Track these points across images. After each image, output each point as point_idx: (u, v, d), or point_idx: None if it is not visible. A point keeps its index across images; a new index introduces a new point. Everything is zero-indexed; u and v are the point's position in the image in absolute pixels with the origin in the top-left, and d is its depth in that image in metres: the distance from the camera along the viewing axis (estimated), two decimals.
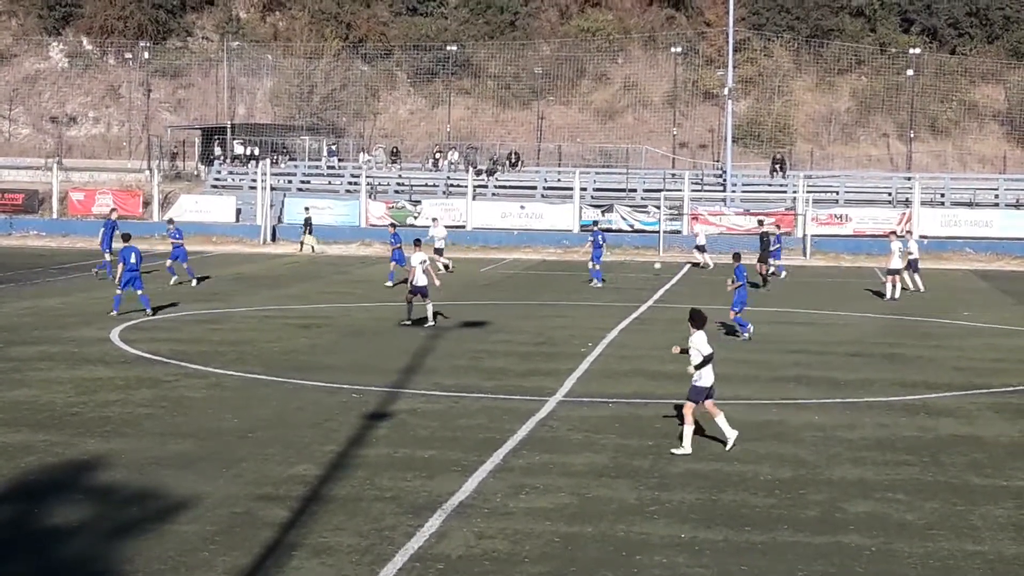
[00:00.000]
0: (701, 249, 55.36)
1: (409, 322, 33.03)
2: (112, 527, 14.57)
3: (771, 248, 47.99)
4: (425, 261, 33.70)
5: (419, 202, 70.54)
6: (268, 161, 73.29)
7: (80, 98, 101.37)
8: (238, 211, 71.67)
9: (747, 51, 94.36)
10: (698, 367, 18.87)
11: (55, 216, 72.30)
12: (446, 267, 49.43)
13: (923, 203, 66.78)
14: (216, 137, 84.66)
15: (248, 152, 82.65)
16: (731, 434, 18.97)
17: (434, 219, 56.57)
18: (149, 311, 34.65)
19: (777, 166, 76.80)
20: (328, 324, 33.73)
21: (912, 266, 44.49)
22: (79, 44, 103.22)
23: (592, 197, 71.62)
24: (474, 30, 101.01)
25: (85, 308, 36.43)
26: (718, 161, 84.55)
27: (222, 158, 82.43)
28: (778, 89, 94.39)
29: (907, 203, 67.68)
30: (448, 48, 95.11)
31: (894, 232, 46.48)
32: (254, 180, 71.32)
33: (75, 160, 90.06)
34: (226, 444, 18.87)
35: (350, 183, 75.80)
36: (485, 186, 74.39)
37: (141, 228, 68.81)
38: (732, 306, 32.15)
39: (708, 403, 19.04)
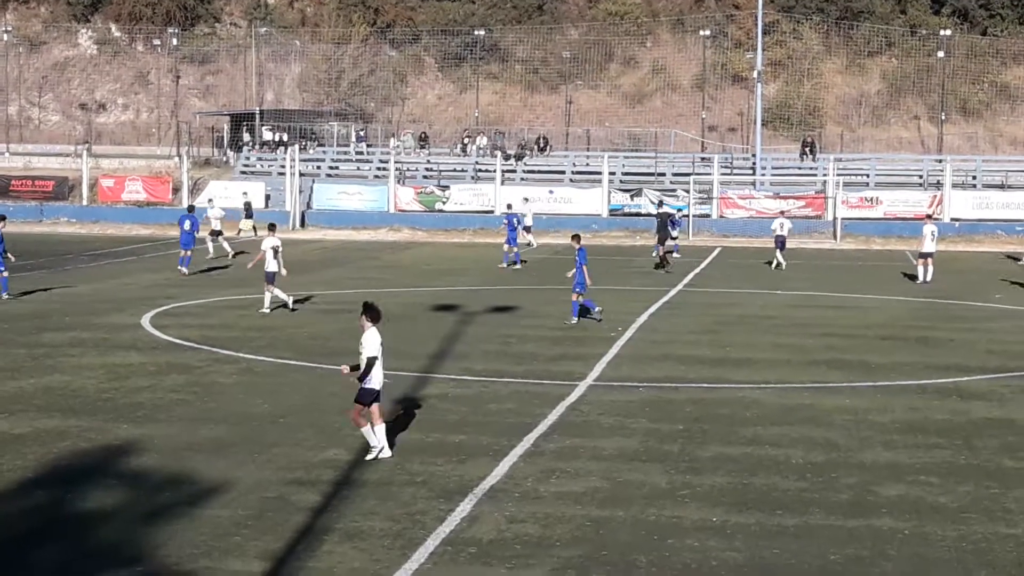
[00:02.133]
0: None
1: (269, 310, 32.58)
2: (145, 512, 14.64)
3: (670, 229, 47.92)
4: (277, 247, 33.01)
5: (447, 187, 70.48)
6: (296, 147, 73.33)
7: (109, 85, 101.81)
8: (267, 197, 71.75)
9: (776, 33, 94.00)
10: (365, 370, 17.21)
11: (85, 203, 72.51)
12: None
13: (954, 185, 66.37)
14: (245, 123, 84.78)
15: (277, 138, 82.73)
16: (377, 447, 17.14)
17: (210, 200, 56.67)
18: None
19: (807, 149, 76.42)
20: (357, 310, 33.65)
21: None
22: (108, 31, 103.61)
23: (621, 181, 71.42)
24: (501, 14, 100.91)
25: (116, 295, 36.57)
26: (748, 145, 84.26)
27: (251, 144, 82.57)
28: (808, 72, 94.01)
29: (938, 185, 67.29)
30: (476, 33, 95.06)
31: (929, 215, 46.14)
32: (283, 166, 71.38)
33: (104, 147, 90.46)
34: (257, 429, 18.92)
35: (379, 168, 75.80)
36: (514, 171, 74.30)
37: (171, 214, 69.11)
38: (573, 288, 31.19)
39: (374, 408, 17.16)
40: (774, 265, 46.77)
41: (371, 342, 17.42)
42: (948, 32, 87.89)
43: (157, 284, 39.52)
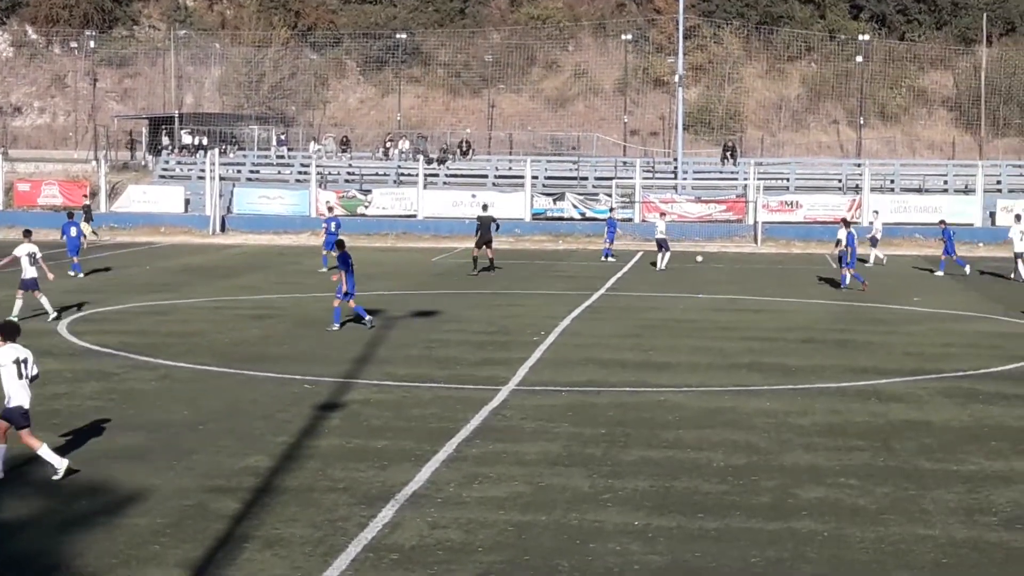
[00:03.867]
0: (874, 242, 51.61)
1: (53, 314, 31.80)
2: (62, 521, 14.43)
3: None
4: (34, 253, 31.78)
5: (369, 191, 70.25)
6: (216, 151, 72.79)
7: (25, 88, 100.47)
8: (187, 201, 71.18)
9: (697, 38, 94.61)
10: None
11: (0, 207, 71.52)
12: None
13: (873, 189, 67.17)
14: (164, 127, 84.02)
15: (196, 142, 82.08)
16: (57, 466, 16.15)
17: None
18: None
19: (728, 153, 77.04)
20: (279, 315, 33.57)
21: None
22: (24, 34, 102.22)
23: (543, 185, 71.58)
24: (423, 18, 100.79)
25: (31, 300, 36.02)
26: (669, 149, 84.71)
27: (170, 148, 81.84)
28: (728, 76, 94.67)
29: (857, 189, 68.04)
30: (398, 36, 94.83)
31: (845, 220, 46.55)
32: (203, 170, 70.87)
33: (20, 151, 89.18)
34: (177, 436, 18.73)
35: (300, 173, 75.45)
36: (436, 175, 74.21)
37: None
38: (339, 294, 30.54)
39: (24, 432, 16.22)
40: (659, 267, 47.27)
41: (6, 359, 16.38)
42: (866, 37, 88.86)
43: (74, 290, 39.02)
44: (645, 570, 12.97)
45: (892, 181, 71.82)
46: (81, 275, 42.50)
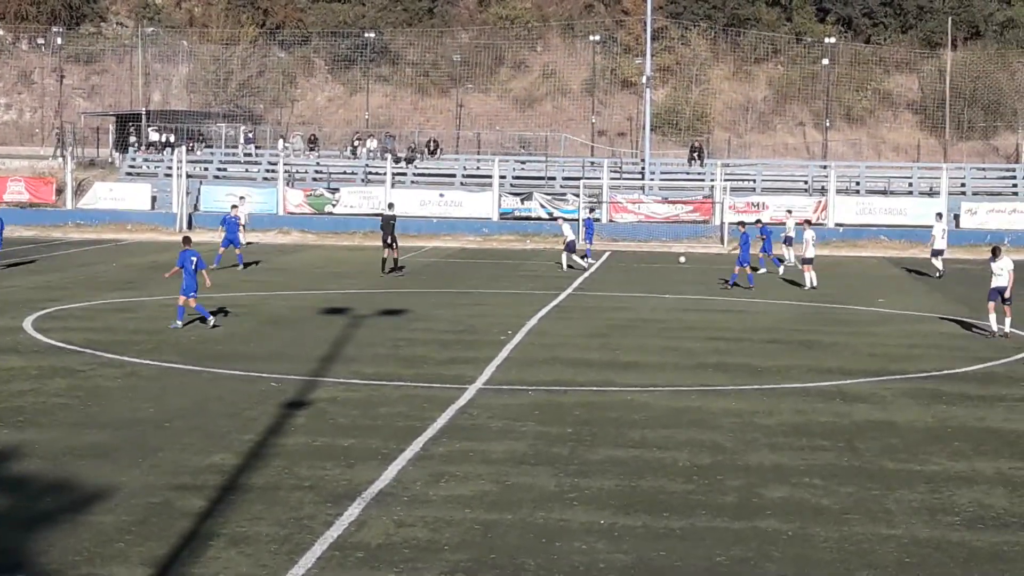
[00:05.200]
0: (788, 242, 52.31)
1: None
2: (26, 518, 14.36)
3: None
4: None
5: (337, 190, 70.15)
6: (184, 148, 72.53)
7: None
8: (153, 199, 70.90)
9: (665, 39, 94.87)
10: None
11: None
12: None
13: (839, 191, 67.51)
14: (131, 124, 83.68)
15: (163, 139, 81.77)
16: None
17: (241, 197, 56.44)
18: None
19: (695, 154, 77.27)
20: (245, 312, 33.47)
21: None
22: None
23: (511, 185, 71.63)
24: (392, 17, 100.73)
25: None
26: (637, 149, 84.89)
27: (137, 145, 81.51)
28: (696, 78, 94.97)
29: (823, 191, 68.35)
30: (366, 35, 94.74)
31: (807, 221, 46.85)
32: (170, 168, 70.62)
33: None
34: (142, 434, 18.67)
35: (268, 171, 75.27)
36: (404, 174, 74.16)
37: (54, 216, 68.07)
38: (183, 292, 29.87)
39: None
40: (564, 267, 47.61)
41: None
42: (833, 40, 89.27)
43: (40, 287, 38.84)
44: (611, 569, 13.02)
45: (857, 183, 72.20)
46: None
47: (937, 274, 47.00)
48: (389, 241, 45.07)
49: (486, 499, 15.46)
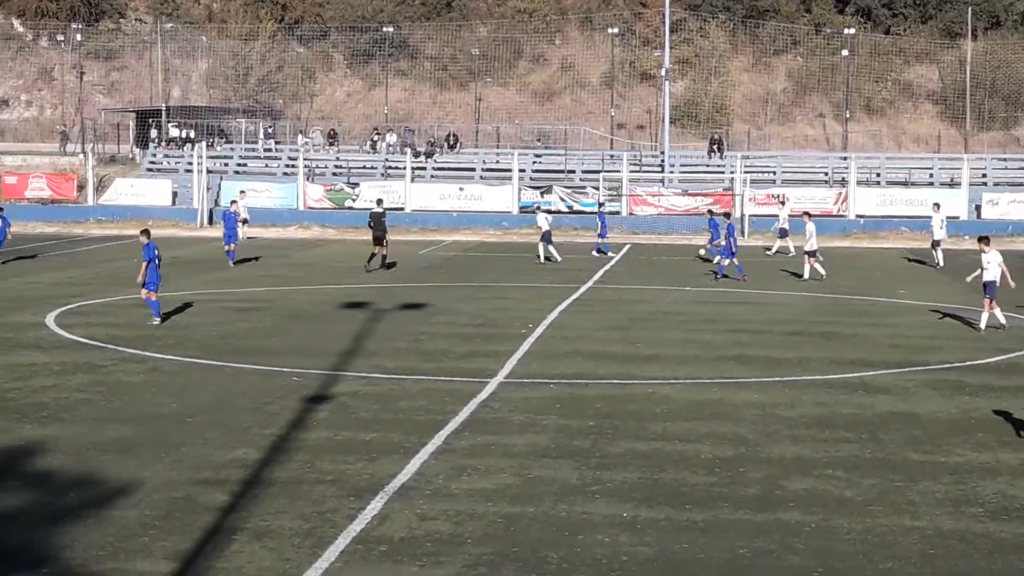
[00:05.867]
0: (783, 233, 53.41)
1: None
2: (50, 513, 14.42)
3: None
4: None
5: (357, 184, 70.19)
6: (204, 144, 72.65)
7: (12, 81, 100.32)
8: (174, 194, 71.05)
9: (683, 32, 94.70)
10: None
11: None
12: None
13: (859, 182, 67.25)
14: (151, 120, 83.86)
15: (183, 135, 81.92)
16: None
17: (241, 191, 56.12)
18: None
19: (714, 147, 77.07)
20: (267, 307, 33.56)
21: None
22: (11, 26, 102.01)
23: (531, 178, 71.58)
24: (410, 11, 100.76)
25: (19, 293, 36.04)
26: (656, 142, 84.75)
27: (157, 141, 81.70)
28: (715, 70, 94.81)
29: (843, 183, 68.14)
30: (385, 29, 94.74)
31: (807, 213, 46.76)
32: (190, 163, 70.73)
33: (7, 144, 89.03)
34: (165, 429, 18.72)
35: (287, 166, 75.33)
36: (424, 168, 74.18)
37: (76, 212, 68.28)
38: (146, 286, 29.80)
39: None
40: (542, 259, 47.52)
41: None
42: (852, 31, 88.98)
43: (62, 283, 38.99)
44: (633, 561, 13.01)
45: (878, 174, 71.91)
46: None
47: (938, 264, 47.13)
48: (379, 236, 44.06)
49: (508, 492, 15.47)
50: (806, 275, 41.83)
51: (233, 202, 50.93)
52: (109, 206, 69.42)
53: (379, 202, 47.79)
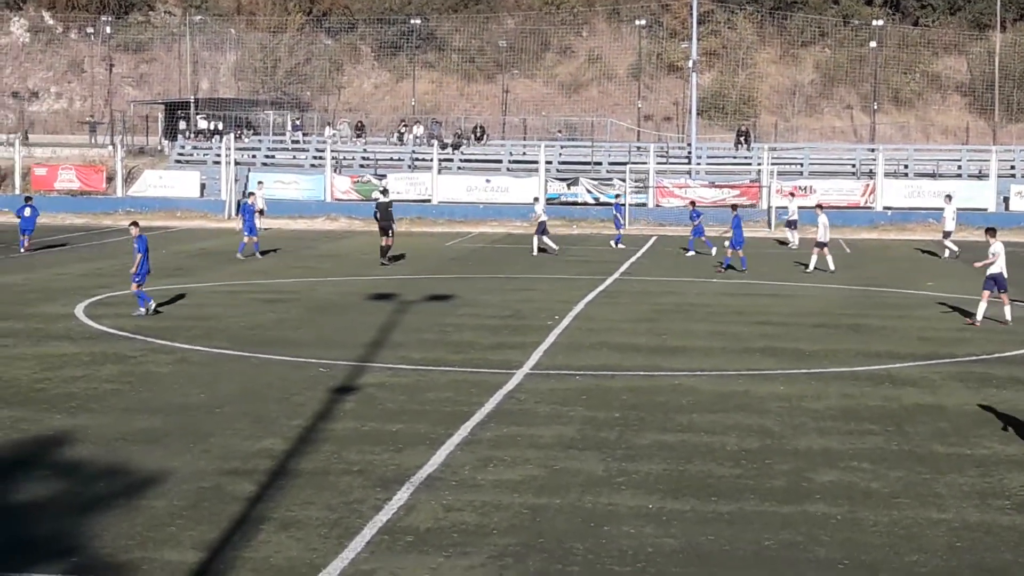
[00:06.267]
0: (792, 225, 53.80)
1: None
2: (79, 503, 14.53)
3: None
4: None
5: (384, 176, 70.29)
6: (232, 136, 72.92)
7: (42, 73, 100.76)
8: (202, 186, 71.33)
9: (711, 23, 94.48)
10: None
11: (17, 192, 71.67)
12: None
13: (887, 174, 67.07)
14: (180, 112, 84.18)
15: (212, 127, 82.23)
16: None
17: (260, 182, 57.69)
18: None
19: (742, 138, 76.90)
20: (294, 299, 33.67)
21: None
22: (41, 19, 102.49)
23: (557, 170, 71.59)
24: (438, 3, 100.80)
25: (49, 284, 36.25)
26: (683, 134, 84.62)
27: (186, 133, 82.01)
28: (742, 62, 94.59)
29: (871, 174, 67.96)
30: (412, 21, 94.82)
31: (819, 205, 46.72)
32: (218, 155, 70.98)
33: (37, 136, 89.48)
34: (193, 419, 18.83)
35: (315, 157, 75.52)
36: (451, 160, 74.25)
37: (105, 204, 68.59)
38: (133, 278, 29.90)
39: None
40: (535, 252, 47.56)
41: None
42: (880, 22, 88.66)
43: (91, 274, 39.19)
44: (659, 553, 13.04)
45: (906, 166, 71.72)
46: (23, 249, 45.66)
47: (947, 253, 47.81)
48: (385, 227, 43.79)
49: (534, 484, 15.51)
50: (811, 266, 41.83)
51: (251, 194, 51.06)
52: (138, 197, 69.75)
53: (385, 191, 47.75)
